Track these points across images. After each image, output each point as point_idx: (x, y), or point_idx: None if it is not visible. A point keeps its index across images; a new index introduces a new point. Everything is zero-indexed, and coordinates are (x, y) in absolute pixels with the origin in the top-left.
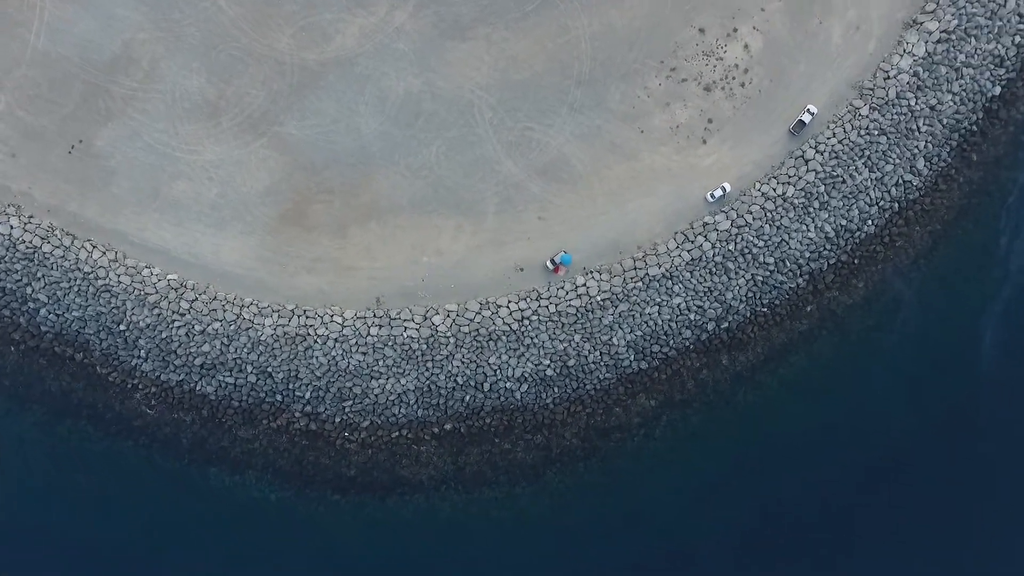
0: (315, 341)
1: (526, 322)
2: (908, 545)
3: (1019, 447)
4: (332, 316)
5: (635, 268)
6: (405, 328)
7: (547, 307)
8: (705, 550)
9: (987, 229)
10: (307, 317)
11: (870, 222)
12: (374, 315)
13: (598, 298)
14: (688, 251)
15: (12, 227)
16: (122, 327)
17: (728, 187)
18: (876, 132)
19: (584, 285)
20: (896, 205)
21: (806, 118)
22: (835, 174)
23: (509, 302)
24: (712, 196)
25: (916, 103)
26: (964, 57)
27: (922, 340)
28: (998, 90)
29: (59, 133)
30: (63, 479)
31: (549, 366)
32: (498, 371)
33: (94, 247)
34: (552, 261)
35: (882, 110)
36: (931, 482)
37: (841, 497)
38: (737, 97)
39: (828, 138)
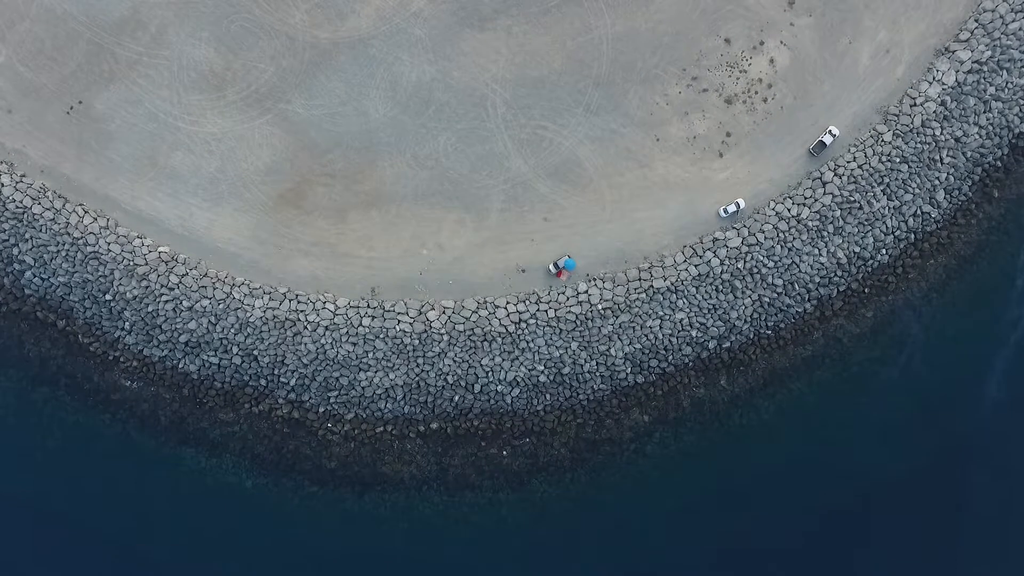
0: (305, 327)
1: (523, 325)
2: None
3: (1015, 497)
4: (324, 303)
5: (640, 279)
6: (398, 321)
7: (546, 311)
8: (685, 571)
9: (1004, 268)
10: (299, 302)
11: (884, 251)
12: (368, 305)
13: (599, 306)
14: (696, 266)
15: (3, 185)
16: (108, 297)
17: (742, 203)
18: (898, 159)
19: (586, 292)
20: (912, 236)
21: (827, 139)
22: (852, 199)
23: (507, 303)
24: (725, 211)
25: (941, 133)
26: (994, 90)
27: (926, 377)
28: None
29: (59, 92)
30: (33, 446)
31: (543, 372)
32: (490, 373)
33: (85, 212)
34: (555, 265)
35: (906, 137)
36: (919, 521)
37: (826, 529)
38: (758, 112)
39: (848, 162)
